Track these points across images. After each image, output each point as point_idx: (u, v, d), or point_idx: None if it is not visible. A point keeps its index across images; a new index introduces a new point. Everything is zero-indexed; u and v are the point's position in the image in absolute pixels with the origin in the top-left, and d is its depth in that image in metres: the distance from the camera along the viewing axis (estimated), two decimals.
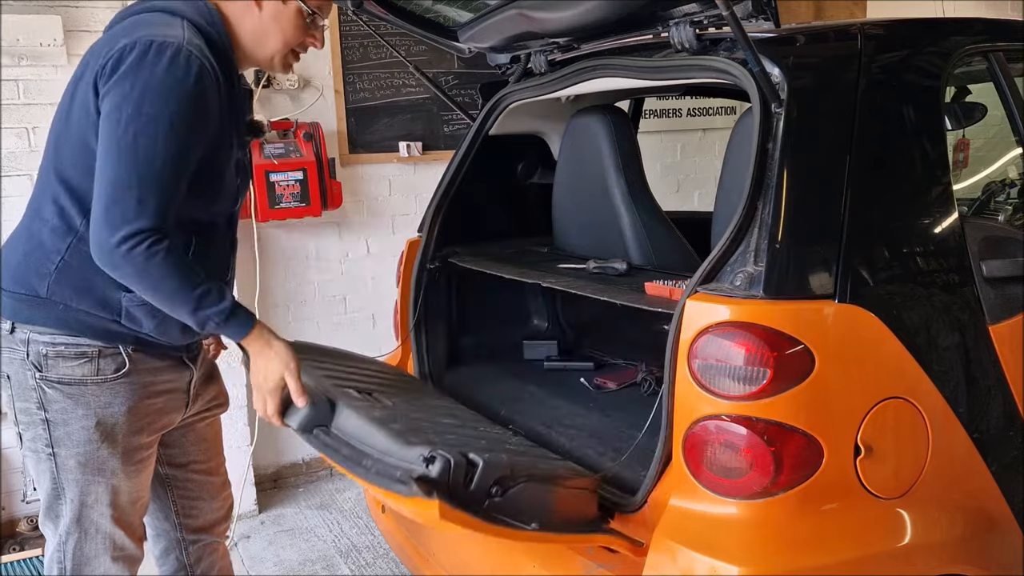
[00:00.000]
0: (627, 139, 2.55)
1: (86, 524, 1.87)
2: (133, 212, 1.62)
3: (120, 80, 1.64)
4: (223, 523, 2.28)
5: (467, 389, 2.62)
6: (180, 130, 1.65)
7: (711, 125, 5.19)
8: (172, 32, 1.69)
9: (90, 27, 3.46)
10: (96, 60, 1.71)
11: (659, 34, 2.08)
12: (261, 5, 1.84)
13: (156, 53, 1.64)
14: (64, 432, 1.81)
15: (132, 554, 1.95)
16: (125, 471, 1.87)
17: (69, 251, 1.76)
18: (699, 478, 1.64)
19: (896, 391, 1.69)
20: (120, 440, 1.85)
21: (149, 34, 1.67)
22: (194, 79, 1.66)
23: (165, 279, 1.66)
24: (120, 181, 1.62)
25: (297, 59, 1.97)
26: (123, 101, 1.62)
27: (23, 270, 1.80)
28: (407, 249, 2.73)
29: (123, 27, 1.76)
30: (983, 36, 2.10)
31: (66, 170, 1.77)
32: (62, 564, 1.89)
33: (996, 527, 1.86)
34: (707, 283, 1.68)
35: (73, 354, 1.79)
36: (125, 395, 1.84)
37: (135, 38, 1.66)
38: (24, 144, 3.42)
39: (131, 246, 1.62)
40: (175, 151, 1.66)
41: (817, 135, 1.76)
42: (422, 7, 2.43)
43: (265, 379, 1.80)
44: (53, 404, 1.81)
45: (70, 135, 1.76)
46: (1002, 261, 1.90)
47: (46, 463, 1.84)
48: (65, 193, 1.76)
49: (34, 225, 1.81)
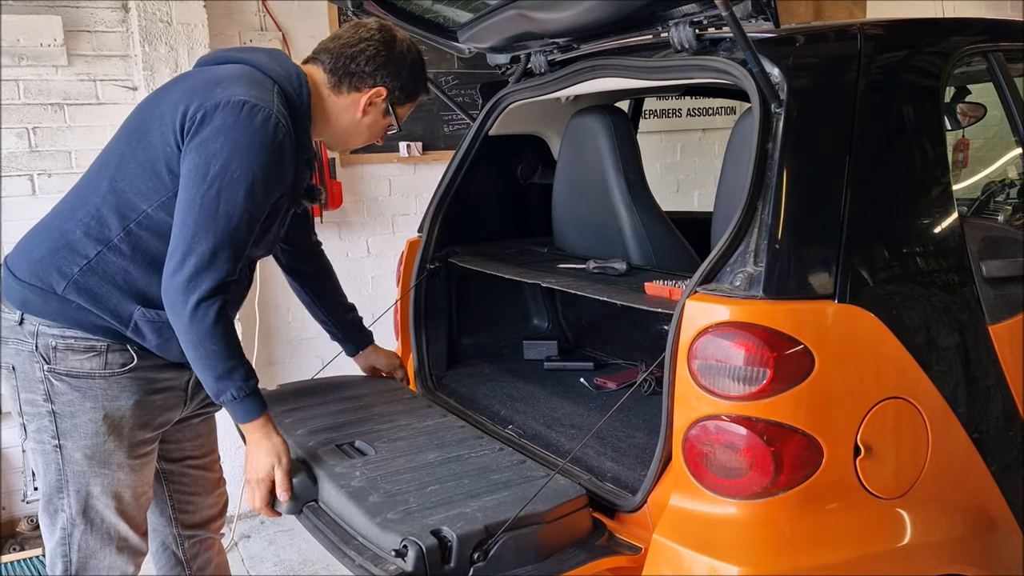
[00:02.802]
0: (627, 139, 2.55)
1: (91, 515, 1.90)
2: (207, 262, 1.71)
3: (211, 137, 1.71)
4: (218, 519, 2.31)
5: (467, 389, 2.62)
6: (259, 191, 1.75)
7: (711, 125, 5.19)
8: (264, 96, 1.77)
9: (90, 27, 3.46)
10: (186, 100, 1.77)
11: (659, 34, 2.08)
12: (365, 111, 1.98)
13: (248, 115, 1.72)
14: (71, 424, 1.84)
15: (136, 546, 1.97)
16: (130, 464, 1.90)
17: (97, 258, 1.81)
18: (699, 478, 1.64)
19: (896, 391, 1.69)
20: (126, 434, 1.88)
21: (243, 94, 1.74)
22: (279, 145, 1.76)
23: (208, 339, 1.74)
24: (199, 232, 1.71)
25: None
26: (212, 158, 1.71)
27: (44, 265, 1.83)
28: (407, 249, 2.74)
29: (219, 76, 1.82)
30: (983, 36, 2.10)
31: (122, 184, 1.82)
32: (67, 557, 1.91)
33: (996, 527, 1.86)
34: (707, 283, 1.67)
35: (83, 347, 1.83)
36: (131, 389, 1.88)
37: (229, 95, 1.73)
38: (24, 144, 3.42)
39: (197, 299, 1.71)
40: (252, 209, 1.76)
41: (817, 135, 1.76)
42: (422, 7, 2.43)
43: (255, 470, 1.86)
44: (61, 396, 1.84)
45: (139, 155, 1.81)
46: (1002, 261, 1.90)
47: (52, 455, 1.87)
48: (112, 204, 1.82)
49: (67, 225, 1.85)
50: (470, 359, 2.87)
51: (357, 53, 1.93)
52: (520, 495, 1.70)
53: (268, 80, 1.83)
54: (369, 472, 1.84)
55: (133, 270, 1.82)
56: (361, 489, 1.76)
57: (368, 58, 1.93)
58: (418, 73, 2.02)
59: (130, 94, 3.57)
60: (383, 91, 1.96)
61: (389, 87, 1.97)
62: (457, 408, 2.46)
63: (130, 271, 1.82)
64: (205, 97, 1.75)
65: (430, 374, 2.69)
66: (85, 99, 3.51)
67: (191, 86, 1.82)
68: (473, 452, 1.98)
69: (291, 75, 1.89)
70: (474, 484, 1.79)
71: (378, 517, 1.63)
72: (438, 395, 2.61)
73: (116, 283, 1.82)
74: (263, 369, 3.91)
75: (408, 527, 1.58)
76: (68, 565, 1.91)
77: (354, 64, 1.93)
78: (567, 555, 1.66)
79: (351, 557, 1.61)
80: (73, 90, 3.49)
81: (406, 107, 2.05)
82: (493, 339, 2.96)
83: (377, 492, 1.75)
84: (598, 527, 1.76)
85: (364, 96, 1.96)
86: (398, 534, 1.55)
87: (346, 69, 1.94)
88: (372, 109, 1.98)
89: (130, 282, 1.83)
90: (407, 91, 2.00)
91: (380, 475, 1.83)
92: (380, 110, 1.99)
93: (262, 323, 3.76)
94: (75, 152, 3.52)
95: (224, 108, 1.72)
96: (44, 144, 3.47)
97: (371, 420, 2.14)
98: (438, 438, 2.04)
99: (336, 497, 1.78)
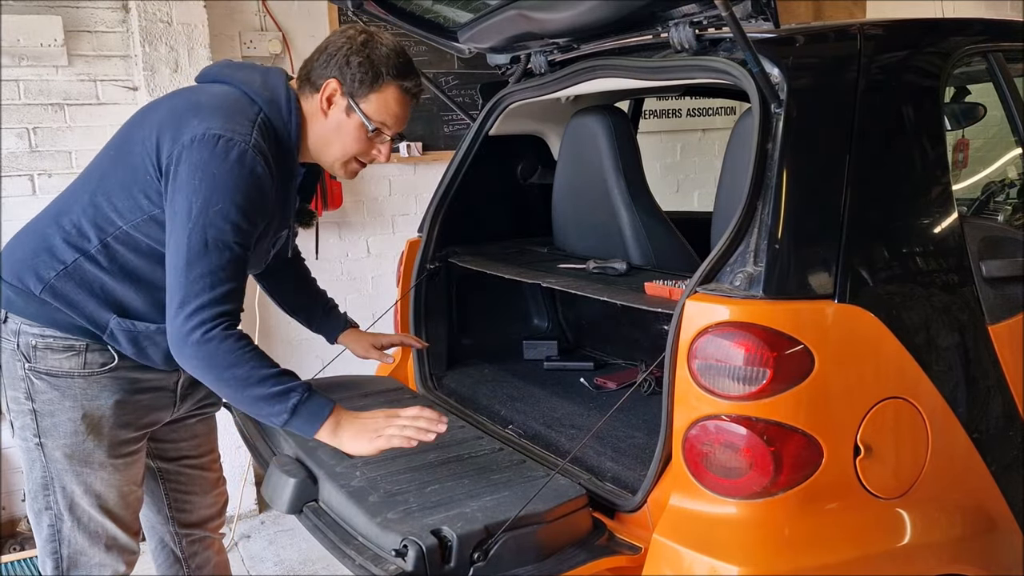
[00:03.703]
0: (627, 139, 2.55)
1: (78, 513, 1.90)
2: (206, 297, 1.66)
3: (189, 175, 1.69)
4: (217, 519, 2.30)
5: (467, 389, 2.62)
6: (242, 222, 1.71)
7: (711, 125, 5.19)
8: (241, 128, 1.73)
9: (90, 27, 3.46)
10: (165, 130, 1.74)
11: (659, 34, 2.08)
12: (327, 113, 1.87)
13: (224, 149, 1.69)
14: (51, 423, 1.85)
15: (126, 545, 1.97)
16: (112, 464, 1.90)
17: (73, 265, 1.81)
18: (699, 478, 1.64)
19: (896, 391, 1.69)
20: (106, 433, 1.88)
21: (219, 127, 1.70)
22: (256, 179, 1.72)
23: (229, 367, 1.68)
24: (193, 269, 1.67)
25: (362, 166, 1.98)
26: (192, 196, 1.68)
27: (25, 267, 1.84)
28: (407, 249, 2.74)
29: (200, 102, 1.79)
30: (982, 36, 2.10)
31: (101, 199, 1.81)
32: (57, 554, 1.91)
33: (996, 527, 1.86)
34: (707, 283, 1.68)
35: (62, 347, 1.83)
36: (112, 389, 1.87)
37: (205, 129, 1.70)
38: (24, 144, 3.42)
39: (201, 333, 1.66)
40: (240, 240, 1.71)
41: (817, 135, 1.76)
42: (422, 7, 2.43)
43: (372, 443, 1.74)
44: (41, 395, 1.84)
45: (119, 175, 1.81)
46: (1001, 261, 1.90)
47: (35, 452, 1.88)
48: (91, 217, 1.81)
49: (49, 230, 1.85)
50: (470, 359, 2.87)
51: (318, 54, 1.87)
52: (520, 495, 1.70)
53: (254, 107, 1.79)
54: (369, 472, 1.84)
55: (109, 280, 1.82)
56: (361, 489, 1.77)
57: (326, 56, 1.85)
58: (379, 59, 1.83)
59: (130, 94, 3.57)
60: (333, 82, 1.83)
61: (339, 77, 1.83)
62: (457, 408, 2.46)
63: (106, 281, 1.81)
64: (181, 130, 1.72)
65: (430, 374, 2.69)
66: (85, 99, 3.51)
67: (173, 110, 1.79)
68: (473, 452, 1.98)
69: (279, 100, 1.84)
70: (474, 484, 1.80)
71: (378, 517, 1.64)
72: (438, 395, 2.61)
73: (92, 291, 1.81)
74: None
75: (408, 527, 1.58)
76: (59, 561, 1.91)
77: (313, 64, 1.87)
78: (567, 555, 1.66)
79: (351, 557, 1.61)
80: (73, 90, 3.49)
81: (372, 99, 1.85)
82: (493, 339, 2.96)
83: (377, 492, 1.75)
84: (598, 527, 1.76)
85: (322, 95, 1.85)
86: (398, 534, 1.56)
87: (307, 74, 1.88)
88: (333, 109, 1.86)
89: (106, 291, 1.82)
90: (363, 78, 1.82)
91: (380, 475, 1.83)
92: (341, 108, 1.85)
93: (262, 323, 3.75)
94: (75, 152, 3.52)
95: (200, 143, 1.69)
96: (44, 144, 3.47)
97: None
98: (438, 438, 2.04)
99: (336, 497, 1.78)
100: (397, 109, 1.89)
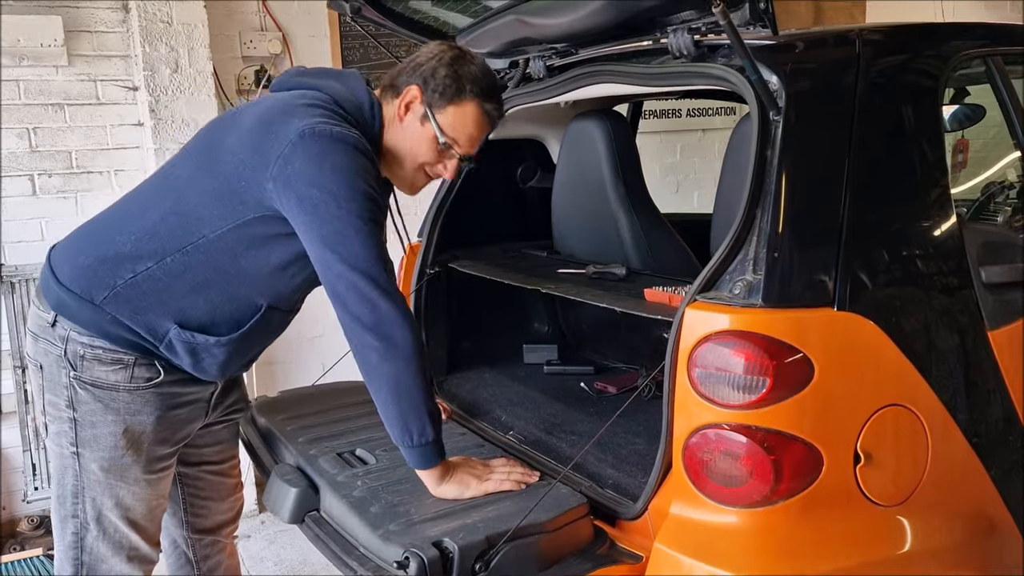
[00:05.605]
0: (625, 143, 2.55)
1: (104, 524, 1.89)
2: (376, 279, 1.68)
3: (313, 165, 1.67)
4: (231, 525, 2.30)
5: (467, 394, 2.62)
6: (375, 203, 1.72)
7: (710, 126, 5.19)
8: (342, 125, 1.73)
9: (90, 27, 3.47)
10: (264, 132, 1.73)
11: (657, 40, 2.07)
12: (403, 119, 1.86)
13: (339, 138, 1.69)
14: (91, 434, 1.83)
15: (147, 555, 1.97)
16: (146, 479, 1.89)
17: (145, 272, 1.78)
18: (699, 486, 1.64)
19: (895, 398, 1.69)
20: (145, 449, 1.86)
21: (325, 122, 1.70)
22: (373, 164, 1.75)
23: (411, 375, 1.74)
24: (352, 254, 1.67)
25: (428, 180, 1.97)
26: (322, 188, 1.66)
27: (89, 274, 1.81)
28: (407, 254, 2.73)
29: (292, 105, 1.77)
30: (981, 40, 2.10)
31: (187, 207, 1.79)
32: (78, 560, 1.90)
33: (996, 532, 1.86)
34: (706, 291, 1.67)
35: (110, 359, 1.81)
36: (154, 404, 1.85)
37: (312, 124, 1.69)
38: (24, 144, 3.43)
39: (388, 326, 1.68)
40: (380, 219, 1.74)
41: (815, 142, 1.76)
42: (420, 12, 2.43)
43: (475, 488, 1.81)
44: (83, 405, 1.82)
45: (209, 183, 1.78)
46: (1001, 267, 1.89)
47: (69, 460, 1.86)
48: (173, 224, 1.79)
49: (120, 236, 1.82)
50: (470, 363, 2.87)
51: (407, 63, 1.88)
52: (521, 504, 1.70)
53: (342, 109, 1.80)
54: (371, 481, 1.85)
55: (178, 289, 1.79)
56: (363, 499, 1.77)
57: (414, 65, 1.87)
58: (466, 75, 1.83)
59: (130, 94, 3.57)
60: (415, 88, 1.83)
61: (422, 85, 1.83)
62: (458, 413, 2.46)
63: (175, 289, 1.79)
64: (281, 131, 1.70)
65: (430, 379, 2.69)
66: (85, 99, 3.52)
67: (262, 116, 1.77)
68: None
69: (363, 105, 1.84)
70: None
71: (380, 528, 1.64)
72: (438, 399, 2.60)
73: (159, 299, 1.78)
74: (263, 369, 3.91)
75: (410, 538, 1.58)
76: (79, 567, 1.90)
77: (400, 72, 1.88)
78: (569, 564, 1.66)
79: (353, 568, 1.61)
80: (73, 90, 3.49)
81: (449, 111, 1.83)
82: (493, 343, 2.95)
83: (378, 503, 1.75)
84: (599, 536, 1.76)
85: (402, 100, 1.85)
86: (400, 546, 1.56)
87: (392, 80, 1.88)
88: (409, 115, 1.85)
89: (172, 300, 1.80)
90: (444, 89, 1.82)
91: (381, 485, 1.83)
92: (418, 115, 1.84)
93: None
94: (75, 152, 3.52)
95: (311, 138, 1.67)
96: (44, 144, 3.47)
97: (372, 427, 2.14)
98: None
99: (338, 507, 1.78)
100: (472, 129, 1.87)
